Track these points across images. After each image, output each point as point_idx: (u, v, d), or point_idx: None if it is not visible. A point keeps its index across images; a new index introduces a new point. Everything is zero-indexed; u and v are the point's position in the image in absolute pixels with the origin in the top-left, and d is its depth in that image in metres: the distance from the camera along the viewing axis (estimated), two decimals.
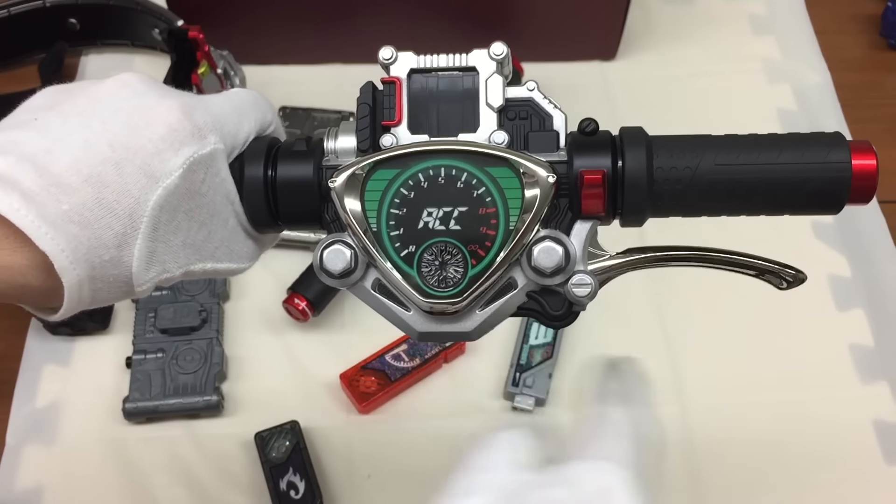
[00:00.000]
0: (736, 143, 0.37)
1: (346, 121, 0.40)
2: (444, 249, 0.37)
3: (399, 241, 0.37)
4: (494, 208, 0.37)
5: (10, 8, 0.82)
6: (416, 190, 0.37)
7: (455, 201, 0.37)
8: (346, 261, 0.38)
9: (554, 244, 0.37)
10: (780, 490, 0.62)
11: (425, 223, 0.37)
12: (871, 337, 0.69)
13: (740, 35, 0.90)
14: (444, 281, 0.37)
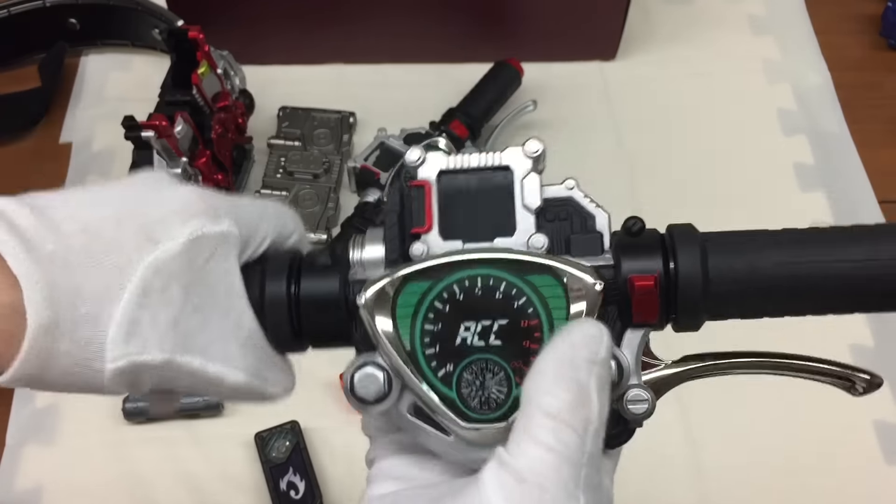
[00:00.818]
0: (798, 240, 0.35)
1: (373, 227, 0.37)
2: (486, 367, 0.33)
3: (435, 360, 0.33)
4: (538, 320, 0.33)
5: (10, 8, 0.82)
6: (452, 303, 0.33)
7: (494, 314, 0.33)
8: (379, 385, 0.34)
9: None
10: (779, 489, 0.62)
11: (463, 339, 0.33)
12: (871, 337, 0.69)
13: (740, 35, 0.90)
14: (486, 402, 0.33)
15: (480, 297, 0.33)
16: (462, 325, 0.33)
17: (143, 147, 0.63)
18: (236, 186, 0.75)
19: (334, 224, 0.74)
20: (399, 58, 0.86)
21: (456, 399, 0.33)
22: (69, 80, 0.85)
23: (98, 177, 0.77)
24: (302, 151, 0.77)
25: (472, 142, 0.76)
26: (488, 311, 0.33)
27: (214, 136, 0.69)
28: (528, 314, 0.33)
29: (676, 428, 0.65)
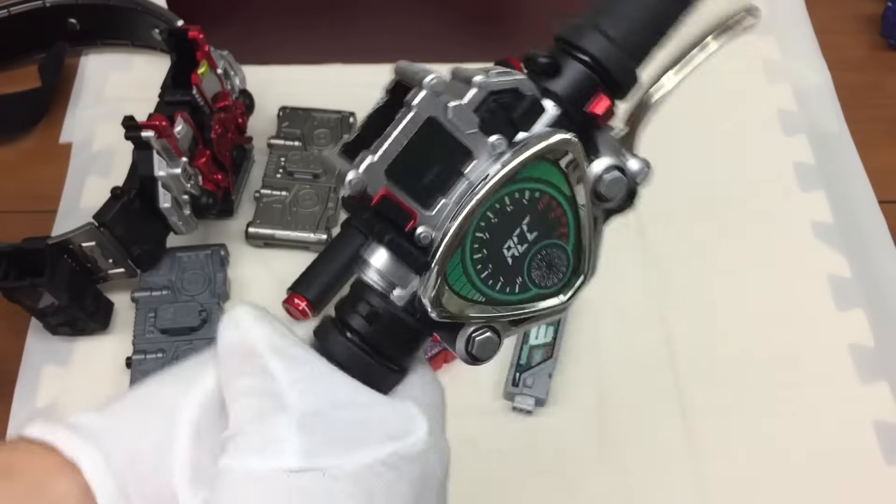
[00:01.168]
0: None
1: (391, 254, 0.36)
2: (541, 256, 0.36)
3: (508, 286, 0.35)
4: (547, 195, 0.35)
5: (10, 8, 0.82)
6: (484, 244, 0.34)
7: (517, 221, 0.35)
8: (495, 345, 0.37)
9: (615, 173, 0.36)
10: (779, 489, 0.62)
11: (512, 256, 0.35)
12: (871, 337, 0.69)
13: None
14: (557, 273, 0.36)
15: (499, 221, 0.34)
16: (504, 249, 0.35)
17: (143, 147, 0.63)
18: (236, 186, 0.75)
19: (334, 224, 0.74)
20: (399, 58, 0.85)
21: (543, 292, 0.36)
22: (69, 80, 0.85)
23: (98, 177, 0.77)
24: (302, 151, 0.77)
25: None
26: (512, 224, 0.35)
27: (214, 136, 0.69)
28: (537, 198, 0.35)
29: (676, 427, 0.65)
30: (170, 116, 0.64)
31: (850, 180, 0.79)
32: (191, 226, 0.69)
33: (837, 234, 0.75)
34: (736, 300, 0.71)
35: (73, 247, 0.65)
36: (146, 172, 0.64)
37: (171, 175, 0.64)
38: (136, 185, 0.64)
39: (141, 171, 0.64)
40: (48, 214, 0.76)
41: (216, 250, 0.71)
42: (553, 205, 0.35)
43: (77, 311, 0.65)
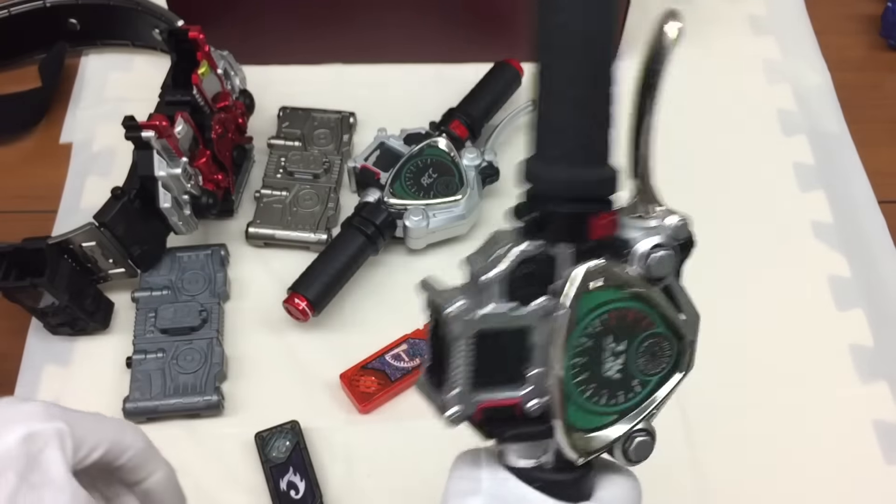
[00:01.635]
0: None
1: None
2: (641, 355, 0.38)
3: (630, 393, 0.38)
4: (612, 312, 0.36)
5: (11, 8, 0.82)
6: (586, 382, 0.36)
7: (600, 348, 0.36)
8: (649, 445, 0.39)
9: (655, 253, 0.37)
10: (779, 490, 0.62)
11: (617, 372, 0.37)
12: (871, 337, 0.69)
13: (740, 35, 0.90)
14: (664, 354, 0.38)
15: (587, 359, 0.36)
16: (606, 374, 0.37)
17: (144, 147, 0.63)
18: (236, 186, 0.76)
19: (334, 224, 0.74)
20: (399, 58, 0.86)
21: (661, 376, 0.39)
22: (69, 80, 0.85)
23: (98, 177, 0.77)
24: (302, 151, 0.77)
25: (472, 142, 0.76)
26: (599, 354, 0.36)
27: (214, 136, 0.70)
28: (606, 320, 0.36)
29: (676, 428, 0.65)
30: (170, 116, 0.64)
31: (849, 180, 0.79)
32: (191, 226, 0.69)
33: (837, 234, 0.75)
34: (736, 300, 0.71)
35: (73, 247, 0.65)
36: (146, 172, 0.64)
37: (171, 175, 0.64)
38: (137, 186, 0.64)
39: (141, 171, 0.64)
40: (48, 214, 0.76)
41: (216, 250, 0.71)
42: (622, 313, 0.36)
43: (77, 311, 0.65)
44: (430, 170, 0.73)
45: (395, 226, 0.71)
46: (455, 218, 0.71)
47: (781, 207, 0.77)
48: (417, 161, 0.73)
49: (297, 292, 0.66)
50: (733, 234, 0.75)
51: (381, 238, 0.70)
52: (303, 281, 0.67)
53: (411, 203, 0.71)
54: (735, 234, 0.75)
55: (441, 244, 0.73)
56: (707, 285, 0.72)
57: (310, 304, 0.66)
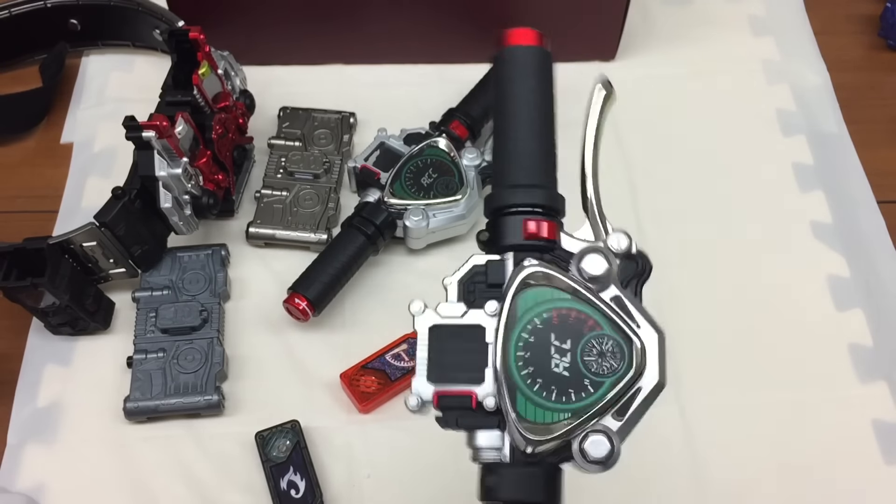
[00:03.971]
0: None
1: None
2: (588, 353, 0.39)
3: (583, 392, 0.39)
4: (554, 311, 0.40)
5: (12, 8, 0.83)
6: (534, 375, 0.39)
7: (545, 344, 0.39)
8: (605, 444, 0.38)
9: (590, 257, 0.40)
10: (778, 489, 0.62)
11: (565, 368, 0.39)
12: (870, 337, 0.69)
13: (739, 36, 0.90)
14: (615, 355, 0.39)
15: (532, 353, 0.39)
16: (553, 369, 0.39)
17: (144, 147, 0.63)
18: (237, 186, 0.76)
19: (335, 224, 0.74)
20: (399, 58, 0.86)
21: (613, 378, 0.39)
22: (70, 81, 0.86)
23: (99, 177, 0.78)
24: (302, 151, 0.77)
25: (471, 142, 0.77)
26: (544, 350, 0.39)
27: (215, 136, 0.70)
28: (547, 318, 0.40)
29: (676, 428, 0.65)
30: (171, 117, 0.64)
31: (848, 180, 0.80)
32: (191, 226, 0.69)
33: (836, 234, 0.75)
34: (735, 300, 0.71)
35: (74, 247, 0.65)
36: (147, 172, 0.64)
37: (171, 175, 0.65)
38: (137, 186, 0.65)
39: (142, 171, 0.64)
40: (49, 214, 0.76)
41: (217, 250, 0.71)
42: (564, 312, 0.39)
43: (78, 311, 0.65)
44: (430, 170, 0.73)
45: (395, 226, 0.71)
46: (455, 218, 0.72)
47: (781, 208, 0.77)
48: (417, 161, 0.73)
49: (298, 292, 0.66)
50: (733, 234, 0.75)
51: (381, 238, 0.70)
52: (303, 281, 0.67)
53: (411, 203, 0.71)
54: (734, 233, 0.75)
55: (441, 244, 0.74)
56: (706, 285, 0.72)
57: (310, 303, 0.66)
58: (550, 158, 0.44)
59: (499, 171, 0.44)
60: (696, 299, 0.71)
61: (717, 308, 0.71)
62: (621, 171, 0.79)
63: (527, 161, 0.43)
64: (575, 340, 0.39)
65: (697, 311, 0.71)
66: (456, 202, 0.71)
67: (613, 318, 0.39)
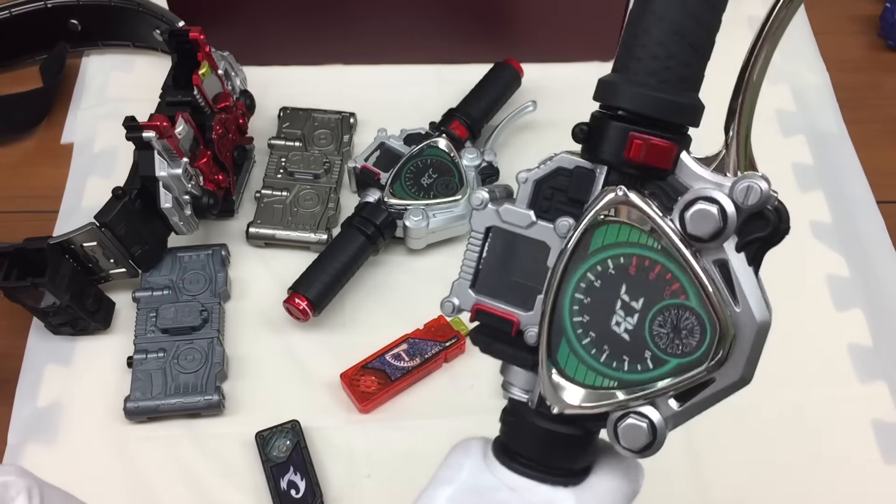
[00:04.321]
0: None
1: None
2: (660, 322, 0.32)
3: (639, 363, 0.32)
4: (635, 257, 0.32)
5: (12, 9, 0.83)
6: (588, 327, 0.33)
7: (613, 293, 0.32)
8: (642, 433, 0.33)
9: (698, 206, 0.30)
10: (778, 489, 0.62)
11: (626, 331, 0.32)
12: (870, 337, 0.69)
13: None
14: (692, 335, 0.32)
15: (593, 299, 0.33)
16: (613, 327, 0.32)
17: (145, 147, 0.64)
18: (237, 187, 0.76)
19: (335, 224, 0.74)
20: (399, 58, 0.86)
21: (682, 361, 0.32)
22: (70, 81, 0.86)
23: (99, 177, 0.78)
24: (302, 152, 0.77)
25: (471, 142, 0.77)
26: (610, 300, 0.32)
27: (215, 136, 0.70)
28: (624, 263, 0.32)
29: None
30: (171, 117, 0.64)
31: (848, 181, 0.80)
32: (192, 226, 0.69)
33: (836, 234, 0.75)
34: None
35: (74, 247, 0.65)
36: (147, 173, 0.64)
37: (172, 175, 0.65)
38: (138, 186, 0.65)
39: (142, 171, 0.64)
40: (50, 214, 0.76)
41: (217, 250, 0.71)
42: (646, 264, 0.32)
43: (78, 311, 0.65)
44: (430, 170, 0.73)
45: (395, 226, 0.71)
46: (455, 218, 0.72)
47: None
48: (417, 161, 0.73)
49: (298, 292, 0.67)
50: None
51: (381, 238, 0.70)
52: (303, 281, 0.67)
53: (411, 203, 0.71)
54: None
55: (441, 244, 0.74)
56: None
57: (310, 303, 0.66)
58: (701, 53, 0.33)
59: (626, 49, 0.33)
60: None
61: None
62: None
63: (662, 49, 0.32)
64: (649, 302, 0.31)
65: None
66: (456, 202, 0.71)
67: (708, 288, 0.31)
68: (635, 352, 0.32)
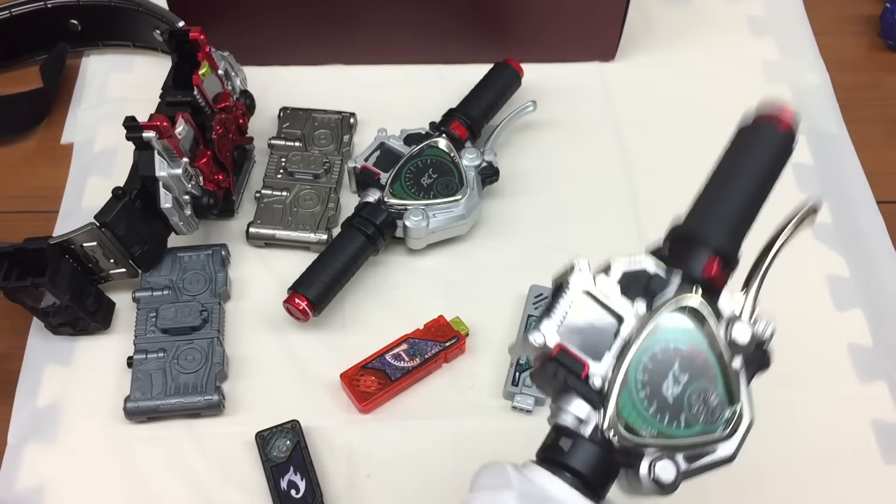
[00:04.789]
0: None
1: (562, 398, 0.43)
2: (697, 395, 0.42)
3: (675, 421, 0.42)
4: (689, 345, 0.42)
5: (12, 9, 0.83)
6: (646, 385, 0.42)
7: (668, 366, 0.42)
8: (673, 473, 0.42)
9: (738, 326, 0.43)
10: (778, 489, 0.62)
11: (672, 395, 0.42)
12: (870, 337, 0.69)
13: (739, 36, 0.90)
14: (716, 412, 0.42)
15: (654, 367, 0.42)
16: (663, 389, 0.42)
17: (145, 147, 0.64)
18: (237, 187, 0.76)
19: (335, 224, 0.74)
20: (399, 58, 0.86)
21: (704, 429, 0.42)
22: (70, 81, 0.86)
23: (99, 177, 0.78)
24: (302, 152, 0.77)
25: (471, 142, 0.77)
26: (665, 369, 0.42)
27: (215, 136, 0.70)
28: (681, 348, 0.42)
29: None
30: (171, 117, 0.64)
31: (848, 181, 0.80)
32: (192, 226, 0.69)
33: (836, 234, 0.75)
34: None
35: (74, 247, 0.65)
36: (147, 173, 0.64)
37: (172, 175, 0.65)
38: (138, 186, 0.65)
39: (142, 171, 0.64)
40: (50, 215, 0.76)
41: (217, 250, 0.71)
42: (696, 352, 0.42)
43: (78, 311, 0.65)
44: (430, 170, 0.73)
45: (395, 226, 0.71)
46: (455, 218, 0.72)
47: (779, 207, 0.77)
48: (417, 161, 0.73)
49: (298, 292, 0.67)
50: None
51: (381, 238, 0.70)
52: (303, 281, 0.67)
53: (411, 203, 0.71)
54: None
55: (441, 244, 0.74)
56: None
57: (310, 303, 0.66)
58: (748, 225, 0.47)
59: (707, 202, 0.47)
60: None
61: None
62: (621, 172, 0.79)
63: (734, 214, 0.46)
64: (692, 379, 0.42)
65: None
66: (456, 202, 0.71)
67: (731, 381, 0.42)
68: (675, 412, 0.41)
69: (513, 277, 0.72)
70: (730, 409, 0.42)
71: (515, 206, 0.77)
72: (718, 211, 0.46)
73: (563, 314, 0.43)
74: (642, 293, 0.43)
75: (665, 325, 0.42)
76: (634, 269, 0.44)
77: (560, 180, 0.79)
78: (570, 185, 0.79)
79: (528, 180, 0.79)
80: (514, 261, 0.73)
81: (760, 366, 0.44)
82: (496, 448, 0.64)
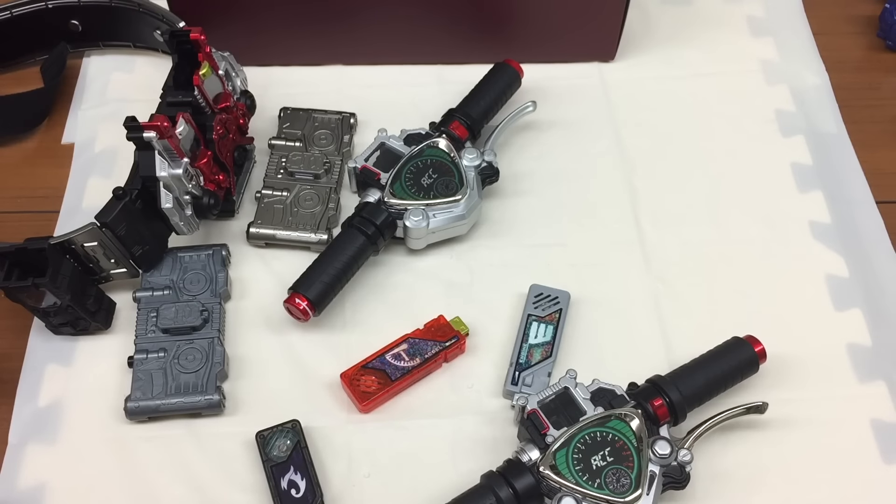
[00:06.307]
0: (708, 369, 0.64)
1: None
2: (614, 472, 0.58)
3: (591, 481, 0.58)
4: (622, 440, 0.59)
5: (13, 9, 0.83)
6: (580, 452, 0.59)
7: (601, 447, 0.59)
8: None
9: (661, 444, 0.59)
10: (778, 489, 0.62)
11: (596, 465, 0.58)
12: (869, 336, 0.70)
13: (738, 36, 0.90)
14: (622, 486, 0.58)
15: (590, 444, 0.59)
16: (591, 459, 0.58)
17: (145, 148, 0.64)
18: (237, 187, 0.76)
19: (335, 224, 0.74)
20: (399, 59, 0.86)
21: (609, 494, 0.57)
22: (71, 81, 0.86)
23: (100, 177, 0.78)
24: (303, 152, 0.77)
25: (471, 143, 0.77)
26: (597, 448, 0.59)
27: (216, 136, 0.70)
28: (614, 439, 0.59)
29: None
30: (171, 117, 0.64)
31: (847, 181, 0.80)
32: (192, 226, 0.69)
33: (835, 234, 0.75)
34: (734, 300, 0.71)
35: (75, 247, 0.65)
36: (148, 173, 0.64)
37: (172, 175, 0.65)
38: (138, 186, 0.65)
39: (143, 171, 0.64)
40: (50, 215, 0.76)
41: (217, 250, 0.71)
42: (624, 446, 0.59)
43: (79, 311, 0.65)
44: (430, 170, 0.73)
45: (395, 226, 0.71)
46: (455, 218, 0.72)
47: (780, 208, 0.77)
48: (417, 161, 0.73)
49: (298, 292, 0.67)
50: (732, 234, 0.76)
51: (382, 238, 0.70)
52: (303, 281, 0.67)
53: (411, 203, 0.71)
54: (733, 233, 0.76)
55: (441, 244, 0.74)
56: (706, 285, 0.72)
57: (310, 303, 0.66)
58: (701, 400, 0.64)
59: (682, 372, 0.63)
60: (695, 299, 0.72)
61: (717, 308, 0.71)
62: (621, 172, 0.79)
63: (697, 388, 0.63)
64: (614, 462, 0.58)
65: (696, 311, 0.71)
66: (456, 202, 0.71)
67: (642, 472, 0.58)
68: (593, 476, 0.58)
69: (513, 277, 0.72)
70: (634, 493, 0.57)
71: (515, 206, 0.77)
72: (687, 382, 0.62)
73: (551, 395, 0.61)
74: (606, 404, 0.61)
75: (609, 423, 0.59)
76: (606, 387, 0.62)
77: (560, 180, 0.79)
78: (570, 185, 0.79)
79: (528, 180, 0.79)
80: (514, 261, 0.73)
81: (677, 481, 0.59)
82: (496, 448, 0.64)
